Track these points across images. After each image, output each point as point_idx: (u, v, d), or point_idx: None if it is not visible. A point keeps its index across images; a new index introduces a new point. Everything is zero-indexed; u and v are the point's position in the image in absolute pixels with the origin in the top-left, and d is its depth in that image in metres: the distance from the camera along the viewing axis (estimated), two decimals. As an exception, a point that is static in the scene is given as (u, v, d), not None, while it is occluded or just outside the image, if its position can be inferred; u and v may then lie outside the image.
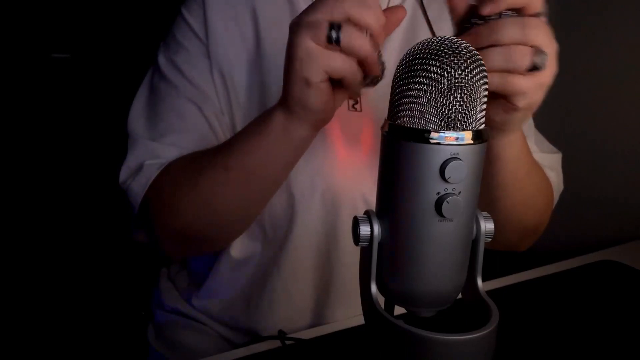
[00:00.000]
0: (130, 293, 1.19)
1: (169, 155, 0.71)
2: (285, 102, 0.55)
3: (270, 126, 0.58)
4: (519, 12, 0.50)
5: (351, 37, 0.49)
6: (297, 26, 0.51)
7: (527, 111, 0.53)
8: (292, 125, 0.57)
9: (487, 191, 0.64)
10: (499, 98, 0.52)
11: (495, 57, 0.49)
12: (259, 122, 0.60)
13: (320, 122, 0.57)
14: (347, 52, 0.50)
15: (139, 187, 0.70)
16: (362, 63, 0.51)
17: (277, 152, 0.60)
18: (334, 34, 0.49)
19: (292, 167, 0.63)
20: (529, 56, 0.49)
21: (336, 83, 0.53)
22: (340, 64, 0.50)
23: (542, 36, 0.50)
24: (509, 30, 0.49)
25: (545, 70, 0.50)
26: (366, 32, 0.50)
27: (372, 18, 0.50)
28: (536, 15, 0.50)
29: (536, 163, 0.71)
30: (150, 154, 0.72)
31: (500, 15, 0.50)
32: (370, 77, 0.53)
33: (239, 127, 0.73)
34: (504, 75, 0.50)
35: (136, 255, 1.16)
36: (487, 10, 0.50)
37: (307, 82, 0.51)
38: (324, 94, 0.52)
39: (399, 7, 0.56)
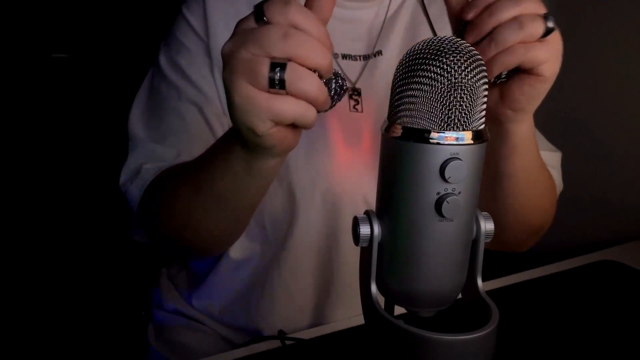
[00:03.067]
0: (130, 293, 1.19)
1: (168, 157, 0.71)
2: (242, 142, 0.49)
3: (233, 158, 0.53)
4: None
5: (298, 79, 0.42)
6: (230, 62, 0.43)
7: (548, 83, 0.53)
8: (254, 159, 0.51)
9: (498, 191, 0.64)
10: (522, 74, 0.52)
11: (510, 31, 0.49)
12: (222, 151, 0.55)
13: (283, 151, 0.50)
14: (295, 95, 0.42)
15: (136, 190, 0.71)
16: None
17: (243, 181, 0.55)
18: (277, 77, 0.41)
19: (264, 191, 0.59)
20: (540, 21, 0.49)
21: None
22: (288, 111, 0.43)
23: (538, 6, 0.50)
24: (508, 7, 0.49)
25: (556, 34, 0.50)
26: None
27: (321, 54, 0.42)
28: None
29: (543, 162, 0.70)
30: (149, 156, 0.72)
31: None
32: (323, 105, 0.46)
33: None
34: (525, 46, 0.49)
35: (136, 255, 1.16)
36: (472, 12, 0.51)
37: (253, 131, 0.44)
38: (276, 136, 0.46)
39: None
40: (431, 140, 0.39)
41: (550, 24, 0.50)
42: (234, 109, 0.44)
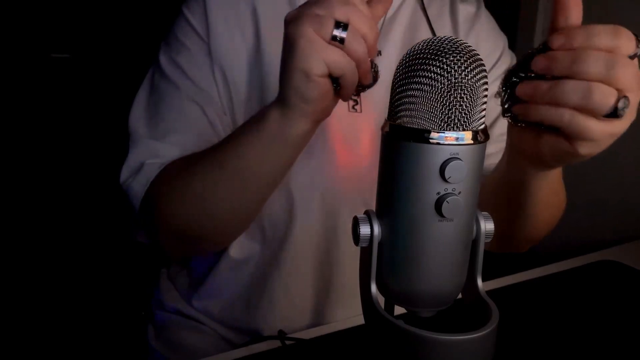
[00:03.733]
0: (130, 293, 1.19)
1: (170, 154, 0.70)
2: (283, 95, 0.53)
3: (266, 123, 0.56)
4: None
5: (354, 40, 0.49)
6: (298, 17, 0.50)
7: (580, 159, 0.48)
8: (288, 120, 0.54)
9: (512, 213, 0.63)
10: (560, 137, 0.46)
11: (573, 91, 0.42)
12: (256, 119, 0.58)
13: (317, 117, 0.55)
14: (348, 53, 0.49)
15: (139, 186, 0.70)
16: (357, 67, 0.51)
17: (273, 149, 0.57)
18: (339, 33, 0.49)
19: (289, 166, 0.61)
20: (612, 99, 0.42)
21: (333, 82, 0.52)
22: (342, 60, 0.50)
23: (630, 79, 0.42)
24: (595, 64, 0.42)
25: (623, 119, 0.44)
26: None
27: (369, 28, 0.50)
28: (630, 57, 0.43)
29: (562, 183, 0.67)
30: (151, 153, 0.71)
31: None
32: (362, 84, 0.54)
33: None
34: (575, 115, 0.43)
35: (136, 255, 1.16)
36: (557, 42, 0.43)
37: (307, 73, 0.50)
38: (323, 87, 0.51)
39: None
40: (431, 140, 0.39)
41: (621, 108, 0.42)
42: (295, 51, 0.49)
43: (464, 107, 0.38)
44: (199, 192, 0.64)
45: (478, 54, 0.39)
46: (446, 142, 0.39)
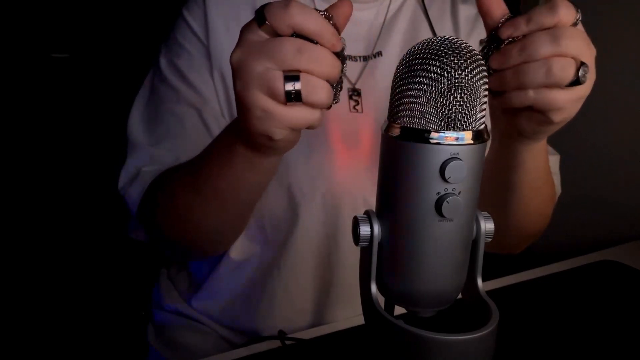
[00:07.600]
0: (130, 293, 1.19)
1: (166, 160, 0.71)
2: (248, 143, 0.51)
3: (235, 160, 0.54)
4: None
5: (312, 91, 0.43)
6: (246, 78, 0.43)
7: (556, 127, 0.51)
8: (259, 158, 0.52)
9: (501, 198, 0.63)
10: (531, 111, 0.49)
11: (534, 73, 0.45)
12: (224, 150, 0.55)
13: (288, 150, 0.52)
14: (310, 105, 0.44)
15: (135, 193, 0.71)
16: None
17: (247, 178, 0.56)
18: (293, 90, 0.42)
19: (266, 186, 0.60)
20: (572, 70, 0.45)
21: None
22: (305, 119, 0.44)
23: (579, 45, 0.46)
24: (544, 43, 0.45)
25: (585, 83, 0.47)
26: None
27: (331, 65, 0.43)
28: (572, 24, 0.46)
29: (550, 172, 0.68)
30: (148, 159, 0.72)
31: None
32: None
33: None
34: (541, 91, 0.46)
35: (136, 255, 1.16)
36: (506, 33, 0.46)
37: (270, 138, 0.46)
38: (289, 140, 0.48)
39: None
40: (431, 140, 0.39)
41: (582, 75, 0.46)
42: (252, 120, 0.45)
43: (464, 107, 0.38)
44: (181, 213, 0.64)
45: (478, 54, 0.39)
46: (446, 142, 0.39)
